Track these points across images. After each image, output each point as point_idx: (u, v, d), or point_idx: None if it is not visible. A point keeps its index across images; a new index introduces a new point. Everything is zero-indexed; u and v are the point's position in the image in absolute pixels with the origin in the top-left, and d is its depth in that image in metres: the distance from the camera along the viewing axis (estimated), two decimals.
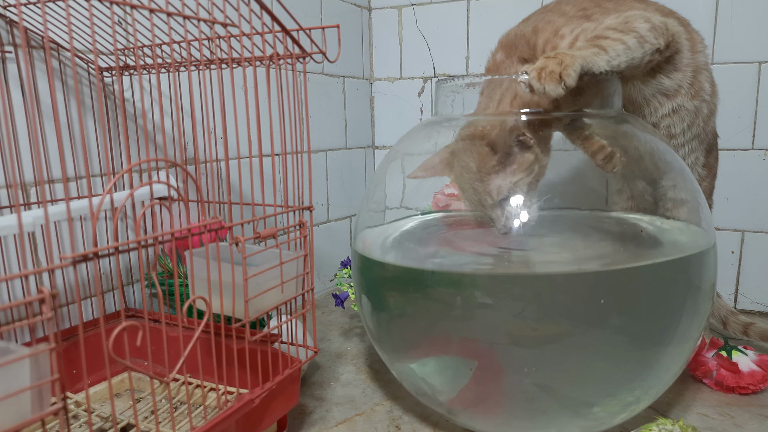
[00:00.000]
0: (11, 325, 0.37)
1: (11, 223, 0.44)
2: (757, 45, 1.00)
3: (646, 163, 0.69)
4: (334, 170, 1.23)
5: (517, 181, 0.62)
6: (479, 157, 0.62)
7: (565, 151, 0.69)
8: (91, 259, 0.40)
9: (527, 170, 0.62)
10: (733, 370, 0.75)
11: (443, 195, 0.77)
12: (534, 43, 0.69)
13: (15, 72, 0.66)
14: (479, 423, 0.64)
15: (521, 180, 0.62)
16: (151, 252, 0.77)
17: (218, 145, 0.89)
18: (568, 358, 0.57)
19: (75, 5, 0.64)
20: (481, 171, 0.62)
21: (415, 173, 0.68)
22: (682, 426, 0.53)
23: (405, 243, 0.72)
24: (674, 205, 0.68)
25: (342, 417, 0.71)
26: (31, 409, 0.36)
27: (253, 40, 0.56)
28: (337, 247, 1.26)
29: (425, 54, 1.27)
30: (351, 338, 0.97)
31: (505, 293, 0.57)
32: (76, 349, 0.67)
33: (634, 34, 0.63)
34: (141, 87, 0.56)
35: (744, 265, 1.07)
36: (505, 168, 0.62)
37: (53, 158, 0.70)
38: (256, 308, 0.55)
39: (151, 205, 0.44)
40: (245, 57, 0.59)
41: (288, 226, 0.60)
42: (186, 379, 0.57)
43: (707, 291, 0.61)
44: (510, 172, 0.62)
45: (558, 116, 0.65)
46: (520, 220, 0.62)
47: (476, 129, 0.63)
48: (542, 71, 0.56)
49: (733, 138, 1.03)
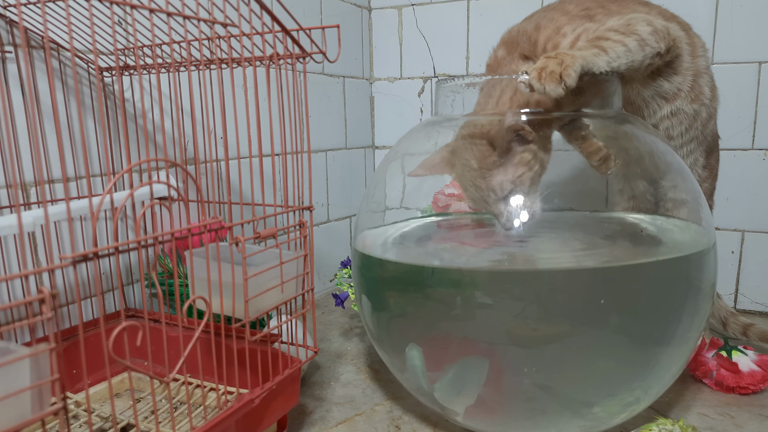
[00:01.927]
0: (11, 325, 0.37)
1: (11, 223, 0.44)
2: (757, 45, 1.00)
3: (646, 163, 0.70)
4: (334, 170, 1.23)
5: (519, 175, 0.61)
6: (480, 155, 0.62)
7: (565, 151, 0.69)
8: (91, 259, 0.40)
9: (528, 164, 0.62)
10: (733, 370, 0.75)
11: (443, 195, 0.77)
12: (535, 40, 0.69)
13: (15, 72, 0.66)
14: (479, 423, 0.64)
15: (524, 174, 0.62)
16: (151, 252, 0.77)
17: (218, 145, 0.89)
18: (568, 358, 0.57)
19: (75, 5, 0.64)
20: (482, 168, 0.62)
21: (416, 171, 0.68)
22: (682, 426, 0.53)
23: (405, 242, 0.72)
24: (675, 206, 0.68)
25: (342, 417, 0.71)
26: (31, 409, 0.36)
27: (253, 40, 0.56)
28: (337, 247, 1.26)
29: (425, 54, 1.27)
30: (351, 338, 0.97)
31: (505, 292, 0.57)
32: (76, 349, 0.67)
33: (636, 36, 0.63)
34: (141, 87, 0.56)
35: (744, 265, 1.07)
36: (506, 163, 0.62)
37: (53, 158, 0.70)
38: (256, 308, 0.55)
39: (151, 205, 0.44)
40: (245, 57, 0.59)
41: (288, 226, 0.60)
42: (186, 379, 0.57)
43: (707, 291, 0.61)
44: (511, 167, 0.62)
45: (557, 116, 0.65)
46: (525, 216, 0.62)
47: (475, 127, 0.63)
48: (542, 71, 0.56)
49: (733, 138, 1.03)
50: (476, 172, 0.63)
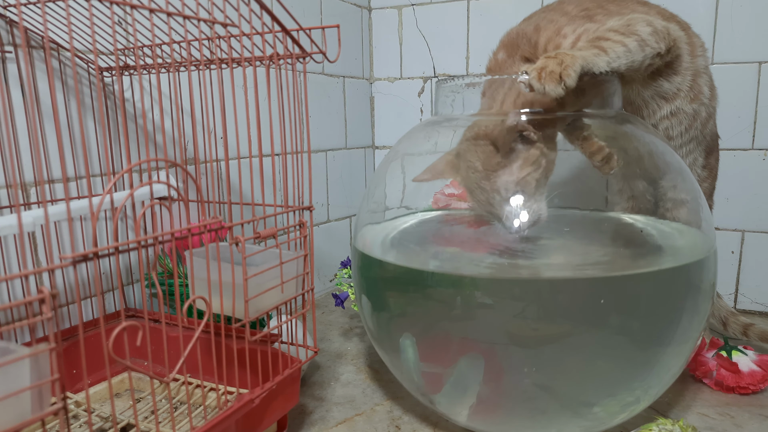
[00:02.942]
0: (11, 325, 0.37)
1: (11, 223, 0.44)
2: (757, 45, 1.00)
3: (646, 163, 0.69)
4: (334, 170, 1.23)
5: (525, 176, 0.60)
6: (484, 156, 0.62)
7: (566, 151, 0.69)
8: (91, 259, 0.40)
9: (534, 164, 0.61)
10: (733, 370, 0.75)
11: (443, 195, 0.77)
12: (536, 42, 0.69)
13: (15, 72, 0.66)
14: (479, 423, 0.64)
15: (529, 175, 0.61)
16: (151, 252, 0.77)
17: (218, 145, 0.89)
18: (568, 358, 0.57)
19: (75, 5, 0.64)
20: (486, 169, 0.61)
21: (422, 177, 0.67)
22: (682, 426, 0.53)
23: (405, 242, 0.72)
24: (674, 206, 0.68)
25: (342, 417, 0.71)
26: (31, 409, 0.36)
27: (253, 40, 0.56)
28: (337, 247, 1.26)
29: (425, 54, 1.27)
30: (351, 338, 0.97)
31: (506, 295, 0.57)
32: (76, 349, 0.67)
33: (636, 37, 0.63)
34: (141, 87, 0.56)
35: (744, 265, 1.07)
36: (511, 164, 0.61)
37: (53, 158, 0.70)
38: (256, 308, 0.55)
39: (151, 205, 0.44)
40: (245, 57, 0.59)
41: (288, 226, 0.60)
42: (186, 379, 0.57)
43: (707, 291, 0.61)
44: (517, 168, 0.61)
45: (558, 116, 0.65)
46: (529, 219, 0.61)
47: (479, 129, 0.63)
48: (542, 71, 0.56)
49: (733, 138, 1.03)
50: (480, 173, 0.62)
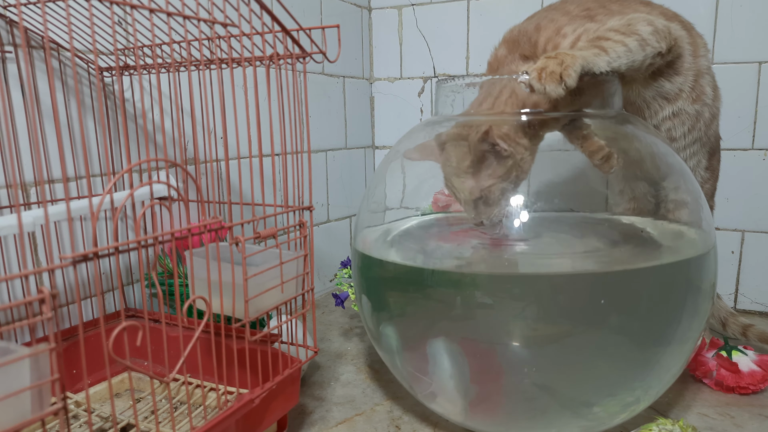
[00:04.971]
0: (11, 325, 0.37)
1: (11, 223, 0.44)
2: (757, 45, 0.99)
3: (647, 164, 0.69)
4: (334, 170, 1.23)
5: (489, 186, 0.62)
6: (458, 156, 0.64)
7: (566, 151, 0.69)
8: (91, 259, 0.40)
9: (502, 177, 0.63)
10: (733, 370, 0.75)
11: (443, 195, 0.77)
12: (536, 41, 0.69)
13: (15, 72, 0.66)
14: (479, 423, 0.64)
15: (494, 185, 0.62)
16: (151, 252, 0.77)
17: (218, 145, 0.89)
18: (569, 358, 0.57)
19: (75, 5, 0.64)
20: (458, 168, 0.64)
21: (411, 154, 0.69)
22: (682, 426, 0.53)
23: (404, 242, 0.72)
24: (675, 207, 0.68)
25: (342, 417, 0.71)
26: (31, 409, 0.36)
27: (253, 40, 0.56)
28: (337, 247, 1.26)
29: (425, 54, 1.27)
30: (351, 338, 0.97)
31: (506, 293, 0.57)
32: (76, 349, 0.67)
33: (636, 36, 0.63)
34: (141, 87, 0.56)
35: (744, 265, 1.07)
36: (479, 171, 0.63)
37: (53, 158, 0.70)
38: (256, 308, 0.55)
39: (151, 205, 0.44)
40: (245, 57, 0.59)
41: (288, 226, 0.60)
42: (186, 379, 0.57)
43: (707, 291, 0.61)
44: (484, 176, 0.63)
45: (557, 116, 0.65)
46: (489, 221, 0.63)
47: (462, 128, 0.64)
48: (543, 71, 0.56)
49: (733, 138, 1.03)
50: (453, 170, 0.64)
